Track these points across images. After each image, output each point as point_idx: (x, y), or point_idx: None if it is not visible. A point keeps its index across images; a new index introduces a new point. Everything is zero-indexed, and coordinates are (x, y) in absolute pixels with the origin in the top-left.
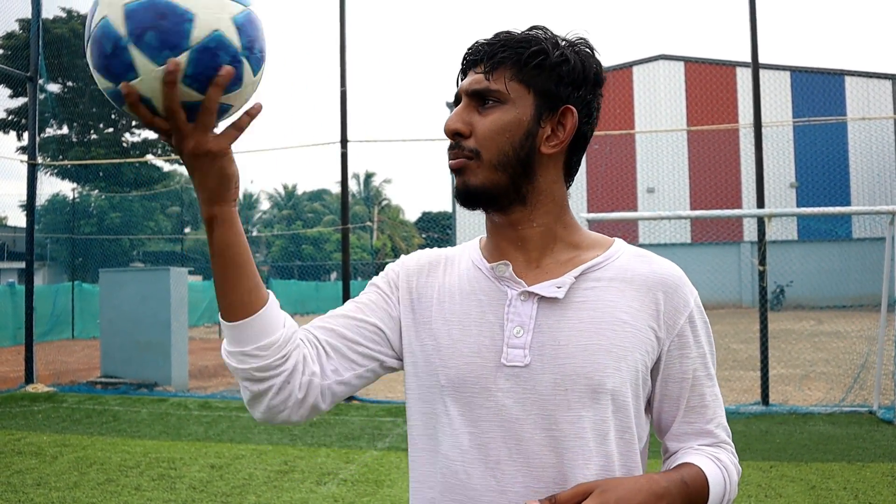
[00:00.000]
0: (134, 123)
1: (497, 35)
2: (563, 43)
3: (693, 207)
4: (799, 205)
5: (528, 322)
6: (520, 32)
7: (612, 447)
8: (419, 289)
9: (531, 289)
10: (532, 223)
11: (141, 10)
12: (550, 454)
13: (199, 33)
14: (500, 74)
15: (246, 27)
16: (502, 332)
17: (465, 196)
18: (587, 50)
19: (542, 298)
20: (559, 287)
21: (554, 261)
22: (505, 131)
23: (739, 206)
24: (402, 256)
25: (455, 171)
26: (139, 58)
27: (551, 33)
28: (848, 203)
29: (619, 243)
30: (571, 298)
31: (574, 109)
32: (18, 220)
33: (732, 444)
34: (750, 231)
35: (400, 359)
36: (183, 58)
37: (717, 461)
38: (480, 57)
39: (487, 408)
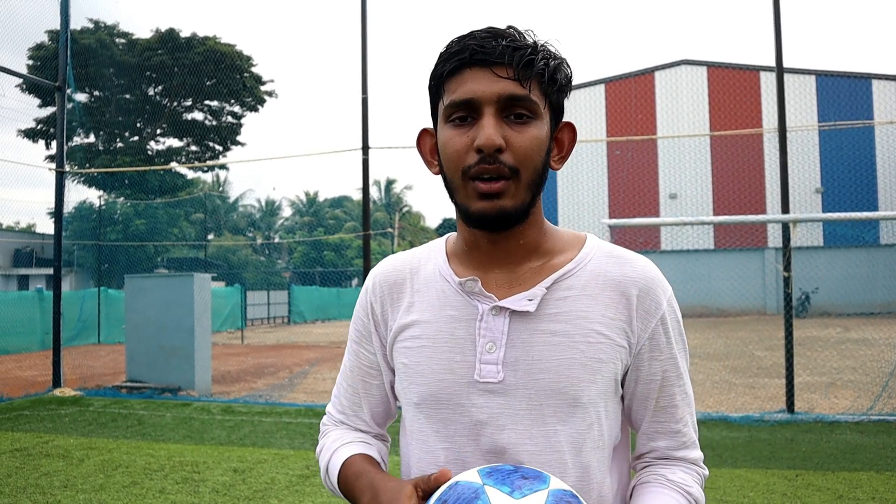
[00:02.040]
0: (158, 132)
1: (494, 32)
2: (551, 48)
3: (716, 213)
4: (825, 210)
5: (500, 337)
6: (512, 32)
7: (590, 457)
8: (392, 313)
9: (502, 303)
10: (522, 237)
11: None
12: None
13: None
14: (533, 85)
15: None
16: (474, 348)
17: (497, 221)
18: (562, 55)
19: (513, 312)
20: (530, 300)
21: (527, 269)
22: (540, 149)
23: (764, 212)
24: (366, 282)
25: (489, 195)
26: None
27: (533, 36)
28: (875, 208)
29: (590, 242)
30: (543, 311)
31: (573, 124)
32: (46, 227)
33: (697, 443)
34: (774, 237)
35: None
36: None
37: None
38: (504, 60)
39: (462, 423)
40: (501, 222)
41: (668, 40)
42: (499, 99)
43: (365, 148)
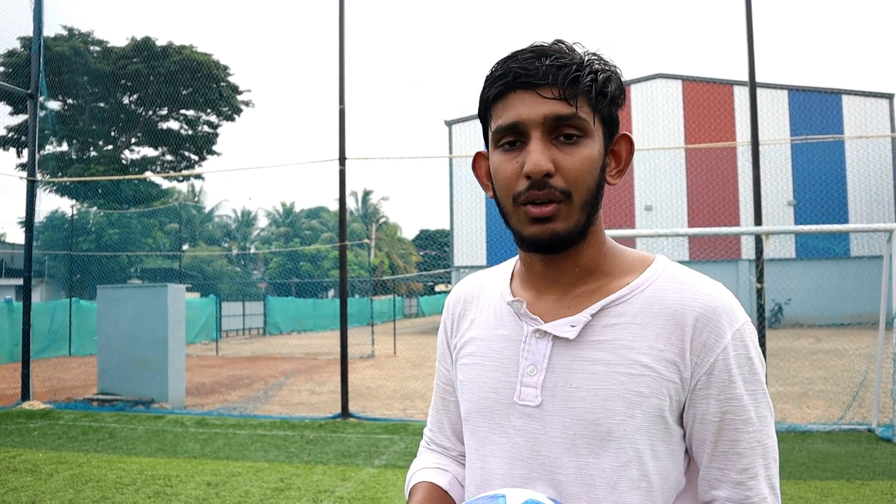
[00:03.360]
0: (133, 141)
1: (538, 51)
2: (601, 59)
3: (691, 225)
4: (797, 223)
5: (541, 361)
6: (561, 48)
7: (627, 497)
8: (458, 329)
9: (544, 327)
10: (577, 258)
11: None
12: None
13: None
14: (581, 102)
15: None
16: (517, 369)
17: (550, 244)
18: (615, 66)
19: (556, 337)
20: (573, 326)
21: (581, 292)
22: (593, 168)
23: (737, 224)
24: (446, 301)
25: (541, 219)
26: None
27: (583, 48)
28: (846, 221)
29: (656, 265)
30: (587, 337)
31: (629, 135)
32: (17, 236)
33: (767, 502)
34: (748, 249)
35: None
36: None
37: None
38: (549, 80)
39: (499, 444)
40: (555, 246)
41: (644, 54)
42: (545, 121)
43: (342, 158)
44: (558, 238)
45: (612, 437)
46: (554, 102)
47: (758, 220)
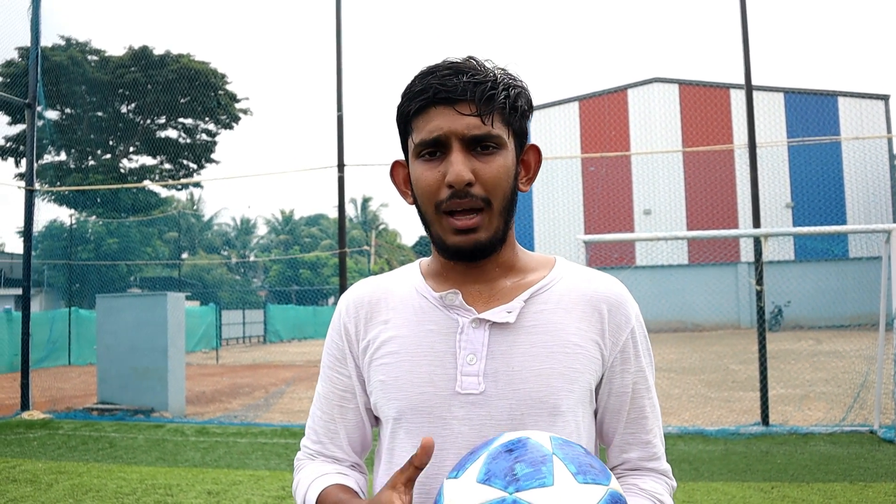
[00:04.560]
0: (131, 149)
1: (454, 68)
2: (510, 76)
3: (690, 228)
4: (795, 225)
5: (480, 349)
6: (475, 65)
7: None
8: (367, 332)
9: (482, 315)
10: (497, 258)
11: None
12: None
13: None
14: (496, 118)
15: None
16: (455, 361)
17: (474, 253)
18: (522, 82)
19: (493, 325)
20: (510, 312)
21: (502, 286)
22: (508, 177)
23: (736, 227)
24: (338, 306)
25: (464, 231)
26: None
27: (493, 64)
28: (843, 222)
29: (561, 262)
30: (522, 323)
31: (537, 146)
32: (16, 246)
33: (664, 454)
34: (747, 251)
35: None
36: None
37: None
38: (466, 97)
39: (443, 436)
40: (478, 254)
41: (641, 59)
42: (464, 136)
43: (340, 165)
44: (482, 247)
45: (557, 412)
46: (472, 118)
47: (756, 223)
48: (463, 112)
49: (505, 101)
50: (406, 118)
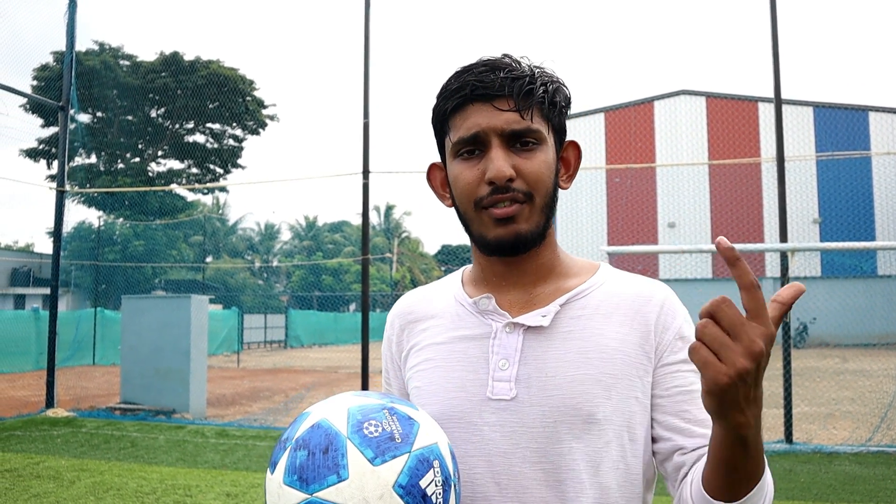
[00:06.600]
0: (160, 153)
1: (491, 65)
2: (547, 73)
3: (714, 242)
4: (822, 240)
5: (513, 354)
6: (511, 62)
7: (608, 479)
8: (408, 341)
9: (516, 320)
10: (537, 259)
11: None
12: (542, 487)
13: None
14: (535, 113)
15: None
16: (487, 366)
17: (515, 245)
18: (560, 78)
19: (527, 329)
20: (544, 316)
21: (542, 291)
22: (549, 172)
23: (761, 241)
24: (387, 320)
25: (504, 219)
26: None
27: (529, 61)
28: (872, 238)
29: (604, 268)
30: (557, 328)
31: (577, 142)
32: (45, 246)
33: None
34: (773, 267)
35: None
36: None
37: None
38: (504, 92)
39: (473, 443)
40: (519, 246)
41: (668, 70)
42: (503, 132)
43: (365, 172)
44: (522, 239)
45: (592, 420)
46: (510, 114)
47: (783, 238)
48: (501, 108)
49: (543, 96)
50: (443, 117)
